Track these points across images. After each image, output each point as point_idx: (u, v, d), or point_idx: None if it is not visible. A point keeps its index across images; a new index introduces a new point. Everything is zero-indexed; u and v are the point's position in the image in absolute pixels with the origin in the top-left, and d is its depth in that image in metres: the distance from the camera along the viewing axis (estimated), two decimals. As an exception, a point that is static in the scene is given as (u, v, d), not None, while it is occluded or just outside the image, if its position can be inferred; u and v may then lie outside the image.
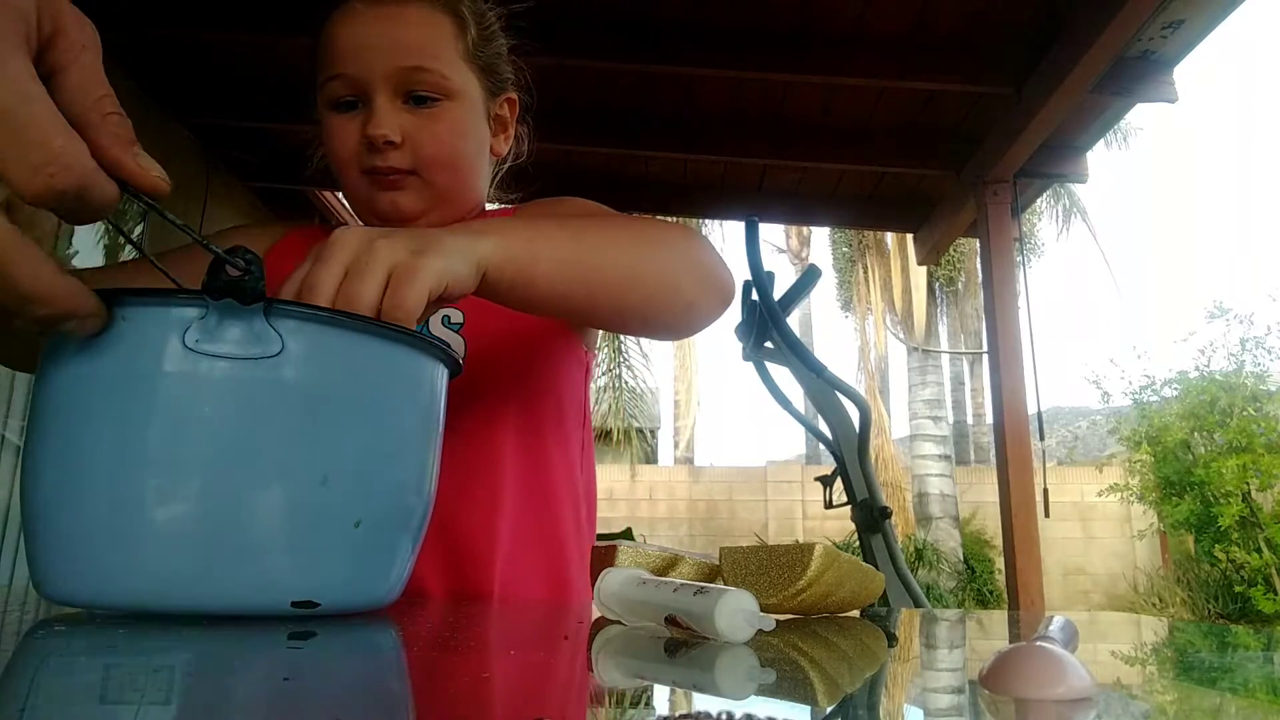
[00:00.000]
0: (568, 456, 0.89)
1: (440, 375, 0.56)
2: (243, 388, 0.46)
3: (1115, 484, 8.80)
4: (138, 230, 3.25)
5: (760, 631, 0.43)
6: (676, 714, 0.23)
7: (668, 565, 0.61)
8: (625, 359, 10.66)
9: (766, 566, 0.54)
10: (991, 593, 9.11)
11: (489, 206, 0.96)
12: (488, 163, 0.92)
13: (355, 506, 0.49)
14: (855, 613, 0.64)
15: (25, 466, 0.48)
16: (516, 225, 0.64)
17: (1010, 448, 2.97)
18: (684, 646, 0.42)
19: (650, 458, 13.17)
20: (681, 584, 0.46)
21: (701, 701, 0.32)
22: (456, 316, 0.82)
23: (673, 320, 0.75)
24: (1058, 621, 0.44)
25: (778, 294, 2.83)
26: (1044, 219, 12.52)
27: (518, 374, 0.85)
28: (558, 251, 0.64)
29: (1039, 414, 3.08)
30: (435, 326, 0.81)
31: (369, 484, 0.50)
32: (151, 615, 0.46)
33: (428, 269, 0.53)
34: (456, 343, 0.80)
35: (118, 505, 0.44)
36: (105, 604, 0.46)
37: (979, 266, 3.80)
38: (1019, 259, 3.24)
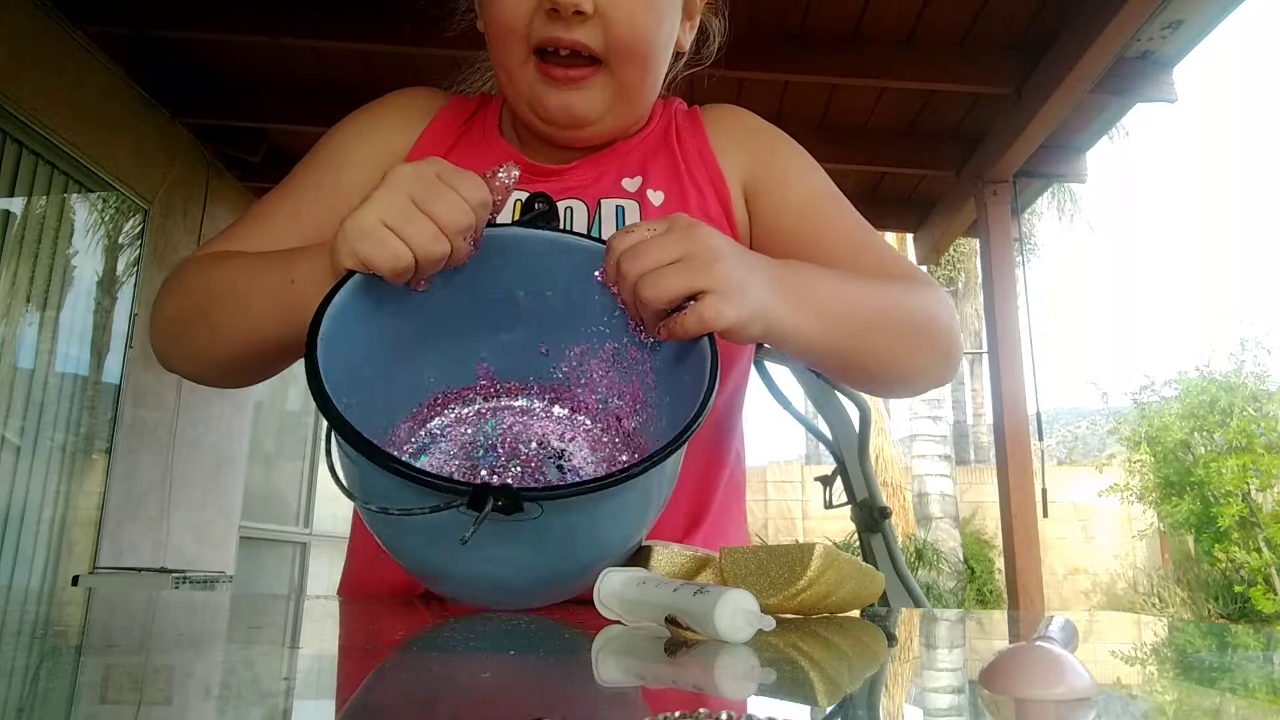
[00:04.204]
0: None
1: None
2: None
3: (1115, 484, 8.79)
4: (139, 228, 3.25)
5: (760, 631, 0.42)
6: (676, 714, 0.23)
7: (700, 566, 0.60)
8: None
9: (766, 566, 0.54)
10: (991, 593, 9.10)
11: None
12: (668, 59, 0.78)
13: None
14: (855, 613, 0.64)
15: None
16: (806, 289, 0.63)
17: (1010, 448, 2.97)
18: (684, 646, 0.42)
19: (650, 458, 13.12)
20: (681, 584, 0.46)
21: (701, 702, 0.32)
22: (658, 199, 0.76)
23: (900, 389, 0.76)
24: (1058, 621, 0.44)
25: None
26: (1044, 217, 12.50)
27: None
28: (832, 324, 0.64)
29: (1039, 414, 3.08)
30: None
31: None
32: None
33: (726, 316, 0.55)
34: None
35: None
36: None
37: (979, 266, 3.80)
38: (1019, 259, 3.25)
